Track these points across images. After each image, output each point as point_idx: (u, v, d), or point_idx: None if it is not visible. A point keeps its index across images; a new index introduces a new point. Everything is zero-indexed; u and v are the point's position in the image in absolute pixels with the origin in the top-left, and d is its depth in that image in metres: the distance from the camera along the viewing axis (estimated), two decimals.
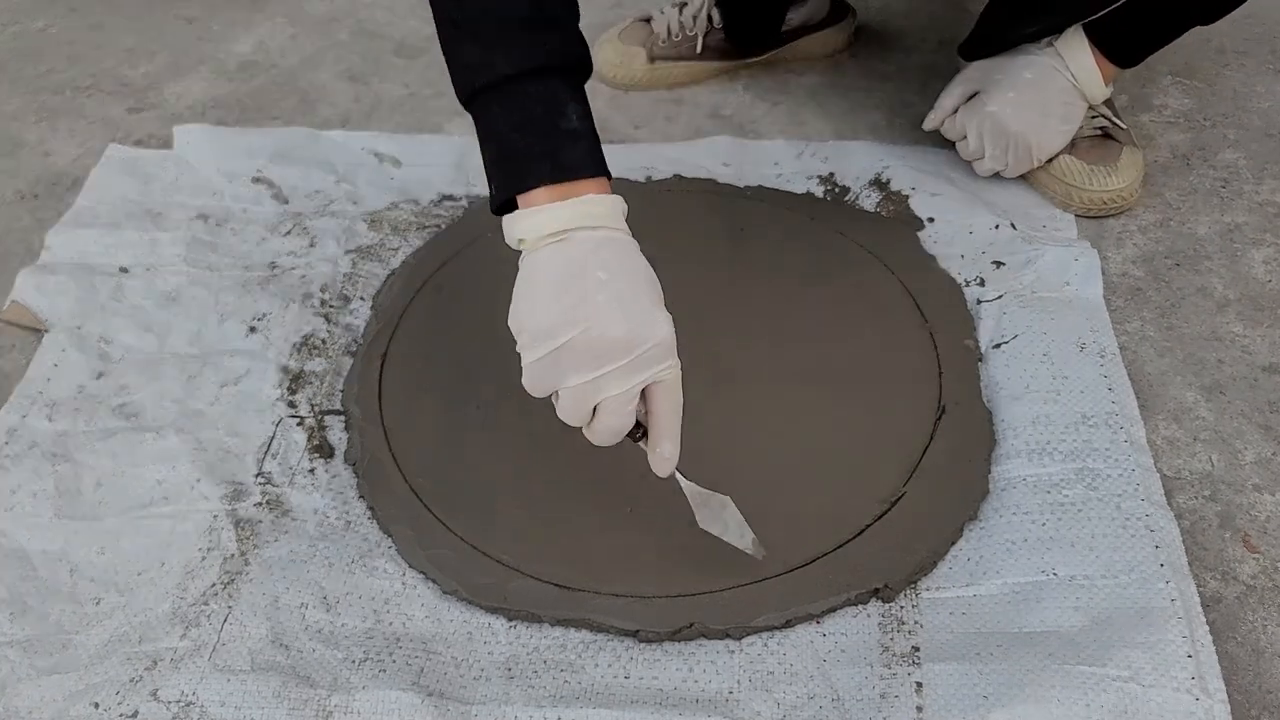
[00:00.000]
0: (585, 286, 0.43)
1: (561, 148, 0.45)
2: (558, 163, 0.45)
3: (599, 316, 0.43)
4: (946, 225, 0.71)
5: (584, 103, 0.47)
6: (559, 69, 0.46)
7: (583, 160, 0.45)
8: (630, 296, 0.44)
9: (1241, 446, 0.58)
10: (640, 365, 0.44)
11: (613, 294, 0.43)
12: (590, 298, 0.43)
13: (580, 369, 0.44)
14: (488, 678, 0.49)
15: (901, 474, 0.56)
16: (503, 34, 0.44)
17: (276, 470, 0.58)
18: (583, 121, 0.46)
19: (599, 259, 0.44)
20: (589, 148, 0.46)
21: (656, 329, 0.44)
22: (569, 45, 0.46)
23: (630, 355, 0.43)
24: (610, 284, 0.43)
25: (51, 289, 0.67)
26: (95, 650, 0.50)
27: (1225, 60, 0.85)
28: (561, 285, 0.44)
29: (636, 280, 0.44)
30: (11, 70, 0.91)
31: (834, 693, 0.47)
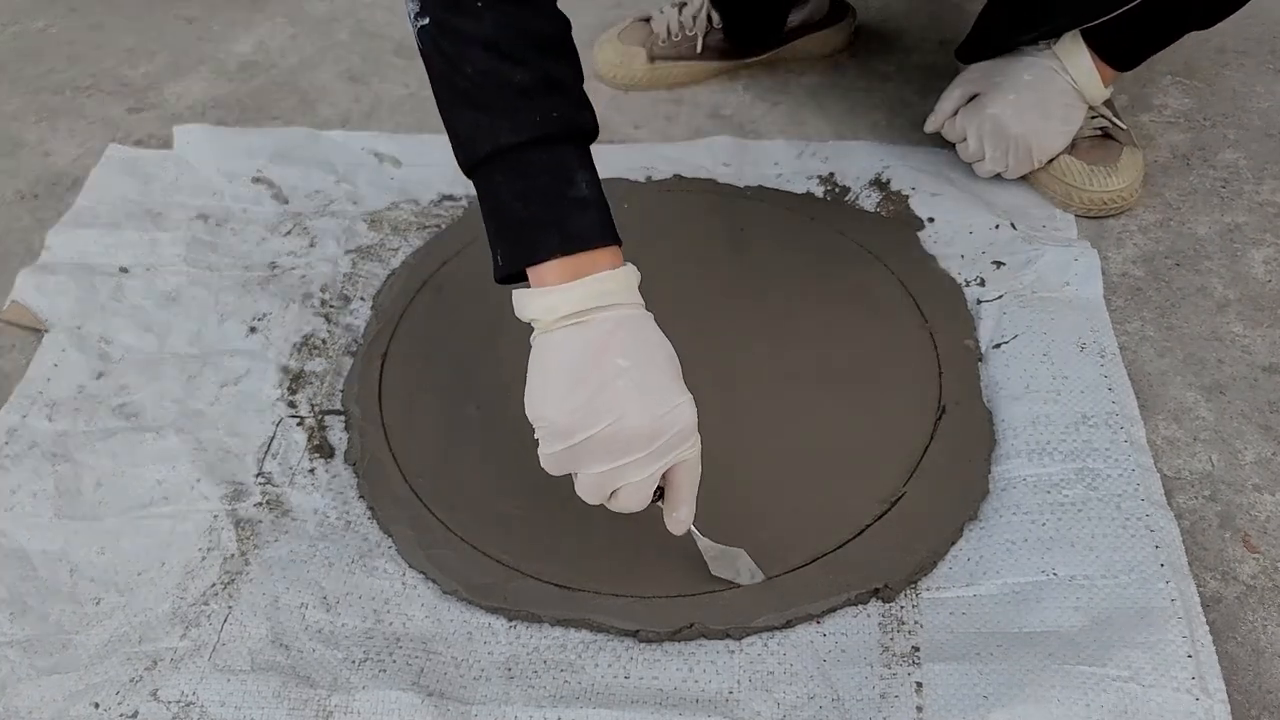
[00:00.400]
0: (604, 375, 0.42)
1: (570, 217, 0.43)
2: (567, 233, 0.43)
3: (621, 409, 0.42)
4: (946, 225, 0.71)
5: (592, 169, 0.45)
6: (565, 136, 0.44)
7: (593, 230, 0.44)
8: (652, 384, 0.42)
9: (1241, 446, 0.58)
10: (662, 452, 0.43)
11: (634, 383, 0.42)
12: (610, 387, 0.42)
13: (601, 461, 0.43)
14: (488, 678, 0.49)
15: (901, 474, 0.56)
16: (505, 101, 0.43)
17: (276, 470, 0.58)
18: (591, 189, 0.44)
19: (617, 343, 0.42)
20: (599, 216, 0.44)
21: (679, 416, 0.43)
22: (575, 110, 0.45)
23: (652, 446, 0.42)
24: (631, 371, 0.42)
25: (51, 289, 0.67)
26: (95, 650, 0.50)
27: (1225, 60, 0.85)
28: (579, 375, 0.42)
29: (656, 363, 0.43)
30: (12, 70, 0.91)
31: (834, 693, 0.47)
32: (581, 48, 1.01)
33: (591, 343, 0.42)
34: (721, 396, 0.60)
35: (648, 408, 0.42)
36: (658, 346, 0.44)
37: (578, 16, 1.05)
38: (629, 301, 0.44)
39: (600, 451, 0.43)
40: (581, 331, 0.42)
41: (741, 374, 0.61)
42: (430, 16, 0.44)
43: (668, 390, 0.43)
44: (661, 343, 0.44)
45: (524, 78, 0.43)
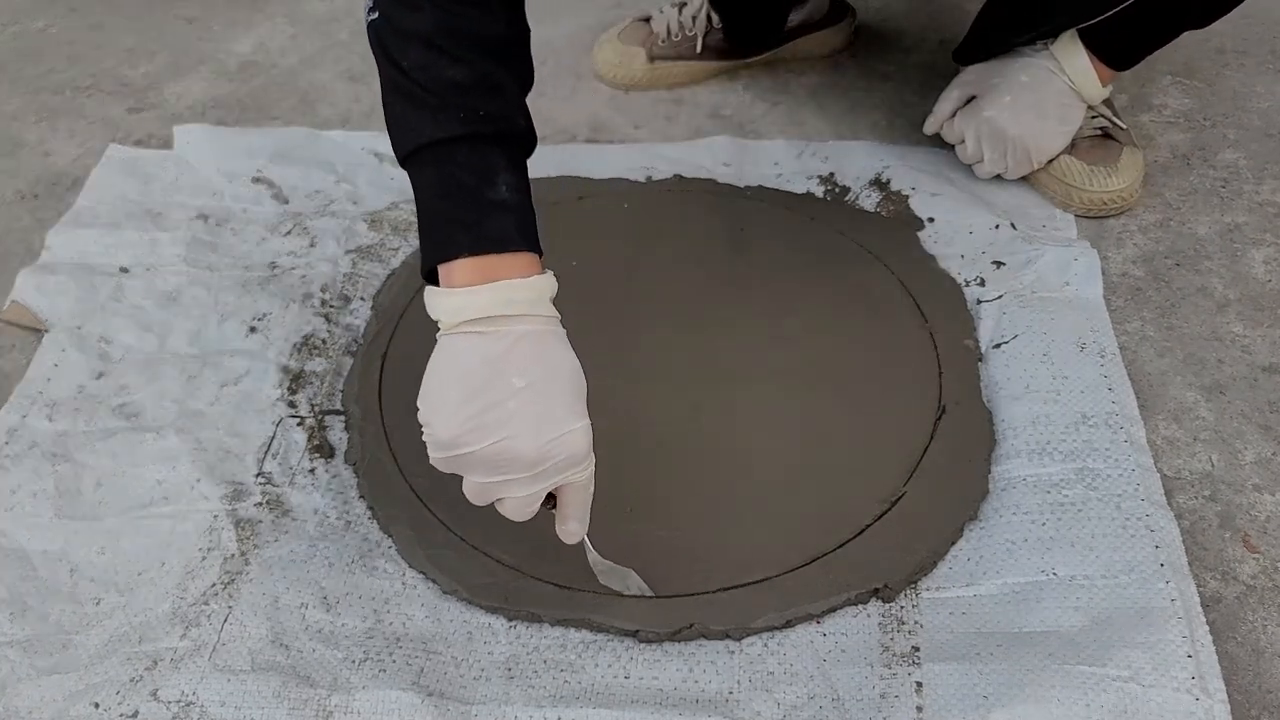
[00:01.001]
0: (497, 394, 0.41)
1: (487, 218, 0.42)
2: (481, 234, 0.42)
3: (508, 430, 0.41)
4: (946, 225, 0.71)
5: (520, 175, 0.45)
6: (494, 137, 0.43)
7: (508, 234, 0.42)
8: (545, 408, 0.41)
9: (1241, 446, 0.58)
10: (547, 475, 0.42)
11: (526, 404, 0.41)
12: (501, 406, 0.41)
13: (483, 474, 0.43)
14: (488, 678, 0.49)
15: (901, 474, 0.56)
16: (438, 97, 0.43)
17: (277, 470, 0.58)
18: (514, 194, 0.43)
19: (516, 360, 0.41)
20: (517, 221, 0.43)
21: (568, 444, 0.42)
22: (509, 115, 0.44)
23: (536, 470, 0.42)
24: (525, 392, 0.41)
25: (52, 289, 0.67)
26: (95, 650, 0.50)
27: (1225, 60, 0.85)
28: (472, 388, 0.41)
29: (554, 386, 0.42)
30: (12, 70, 0.91)
31: (834, 693, 0.47)
32: (582, 48, 1.01)
33: (490, 356, 0.41)
34: (721, 396, 0.60)
35: (536, 433, 0.41)
36: (559, 367, 0.43)
37: (577, 17, 1.05)
38: (539, 314, 0.42)
39: (483, 466, 0.42)
40: (482, 342, 0.41)
41: (741, 374, 0.61)
42: (379, 11, 0.44)
43: (561, 416, 0.42)
44: (565, 363, 0.43)
45: (459, 75, 0.43)
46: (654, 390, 0.61)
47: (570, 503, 0.45)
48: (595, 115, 0.84)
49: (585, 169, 0.77)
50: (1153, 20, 0.64)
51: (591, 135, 0.82)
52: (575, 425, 0.42)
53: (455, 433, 0.41)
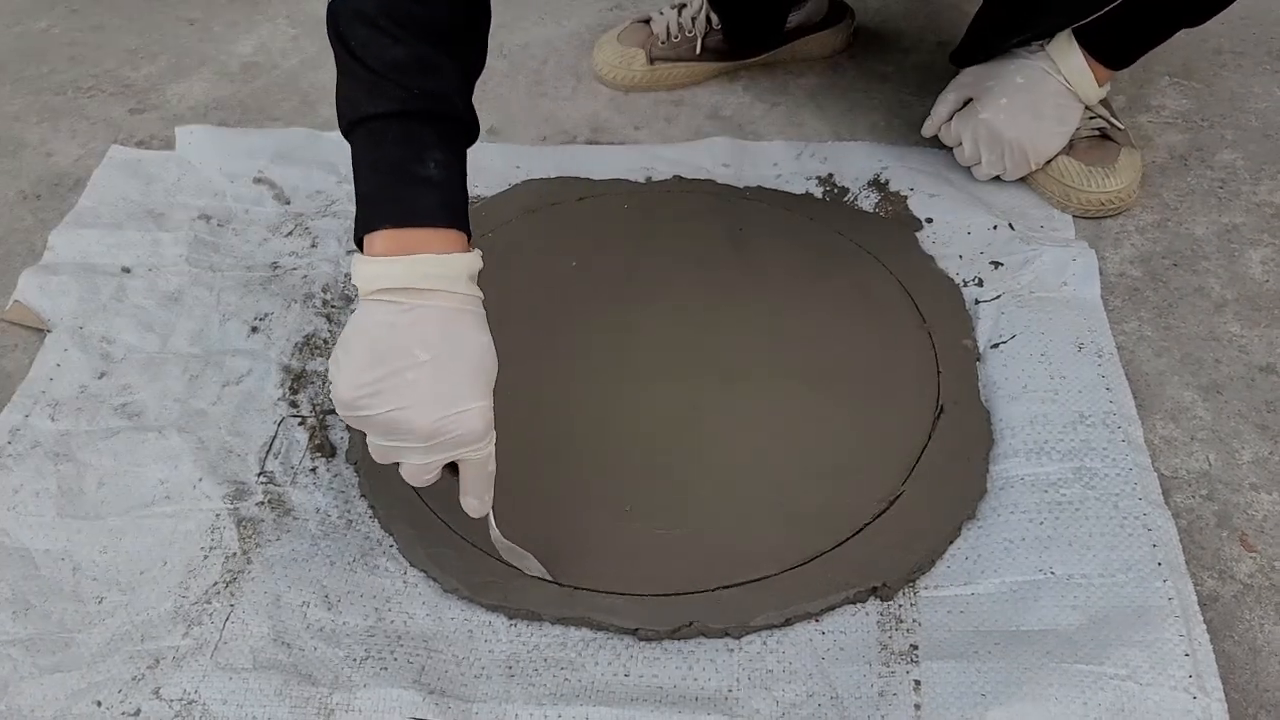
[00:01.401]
0: (399, 363, 0.42)
1: (409, 193, 0.43)
2: (402, 208, 0.43)
3: (404, 401, 0.42)
4: (945, 226, 0.71)
5: (452, 154, 0.45)
6: (425, 115, 0.44)
7: (431, 210, 0.43)
8: (444, 385, 0.42)
9: (1238, 446, 0.58)
10: (441, 449, 0.43)
11: (425, 378, 0.42)
12: (400, 376, 0.42)
13: (380, 436, 0.44)
14: (488, 676, 0.49)
15: (900, 473, 0.56)
16: (377, 74, 0.44)
17: (278, 469, 0.58)
18: (442, 171, 0.44)
19: (423, 333, 0.42)
20: (441, 199, 0.44)
21: (462, 422, 0.42)
22: (444, 95, 0.45)
23: (429, 442, 0.43)
24: (426, 366, 0.42)
25: (54, 289, 0.67)
26: (98, 649, 0.50)
27: (1223, 61, 0.85)
28: (377, 355, 0.42)
29: (456, 362, 0.42)
30: (14, 71, 0.91)
31: (833, 691, 0.48)
32: (582, 49, 1.02)
33: (398, 326, 0.42)
34: (720, 396, 0.60)
35: (431, 406, 0.42)
36: (466, 345, 0.43)
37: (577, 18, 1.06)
38: (454, 290, 0.43)
39: (380, 429, 0.43)
40: (392, 311, 0.42)
41: (740, 373, 0.62)
42: None
43: (459, 393, 0.42)
44: (472, 342, 0.43)
45: (399, 55, 0.44)
46: (653, 390, 0.61)
47: (467, 478, 0.46)
48: (595, 116, 0.84)
49: (585, 169, 0.77)
50: (1147, 19, 0.64)
51: (591, 136, 0.82)
52: (472, 404, 0.42)
53: (354, 395, 0.42)
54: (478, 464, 0.45)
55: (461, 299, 0.43)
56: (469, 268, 0.44)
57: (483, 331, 0.44)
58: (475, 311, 0.44)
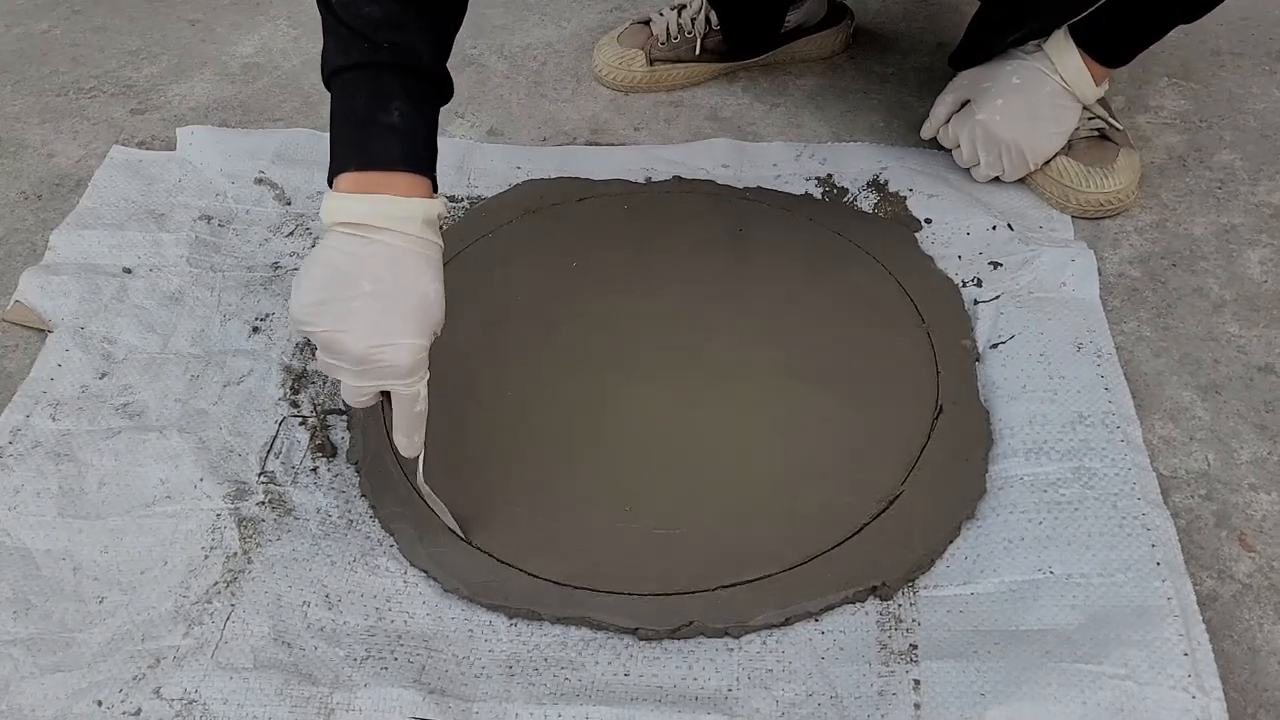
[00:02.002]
0: (346, 290, 0.45)
1: (373, 139, 0.47)
2: (364, 152, 0.46)
3: (343, 325, 0.45)
4: (944, 226, 0.71)
5: (418, 105, 0.48)
6: (391, 67, 0.47)
7: (390, 154, 0.46)
8: (380, 318, 0.45)
9: (1237, 446, 0.58)
10: (370, 375, 0.47)
11: (365, 308, 0.45)
12: (343, 301, 0.45)
13: (322, 352, 0.47)
14: (489, 675, 0.49)
15: (899, 473, 0.56)
16: (352, 31, 0.47)
17: (279, 469, 0.58)
18: (405, 120, 0.47)
19: (371, 266, 0.45)
20: (404, 144, 0.47)
21: (391, 354, 0.45)
22: (412, 48, 0.48)
23: (360, 367, 0.46)
24: (368, 297, 0.45)
25: (55, 289, 0.67)
26: (98, 648, 0.50)
27: (1221, 62, 0.86)
28: (328, 279, 0.46)
29: (396, 299, 0.45)
30: (15, 72, 0.91)
31: (832, 690, 0.48)
32: (582, 50, 1.02)
33: (351, 256, 0.46)
34: (720, 395, 0.60)
35: (364, 335, 0.45)
36: (410, 284, 0.46)
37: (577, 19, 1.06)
38: (407, 232, 0.46)
39: (320, 346, 0.47)
40: (348, 243, 0.46)
41: (740, 373, 0.62)
42: None
43: (392, 327, 0.45)
44: (417, 283, 0.46)
45: (373, 13, 0.47)
46: (653, 389, 0.61)
47: (396, 413, 0.49)
48: (595, 117, 0.84)
49: (585, 170, 0.77)
50: (1143, 15, 0.64)
51: (591, 137, 0.82)
52: (403, 340, 0.46)
53: (303, 313, 0.46)
54: (405, 399, 0.48)
55: (414, 241, 0.46)
56: (425, 212, 0.47)
57: (429, 275, 0.47)
58: (426, 255, 0.47)
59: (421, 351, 0.47)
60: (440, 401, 0.61)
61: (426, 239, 0.47)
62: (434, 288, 0.47)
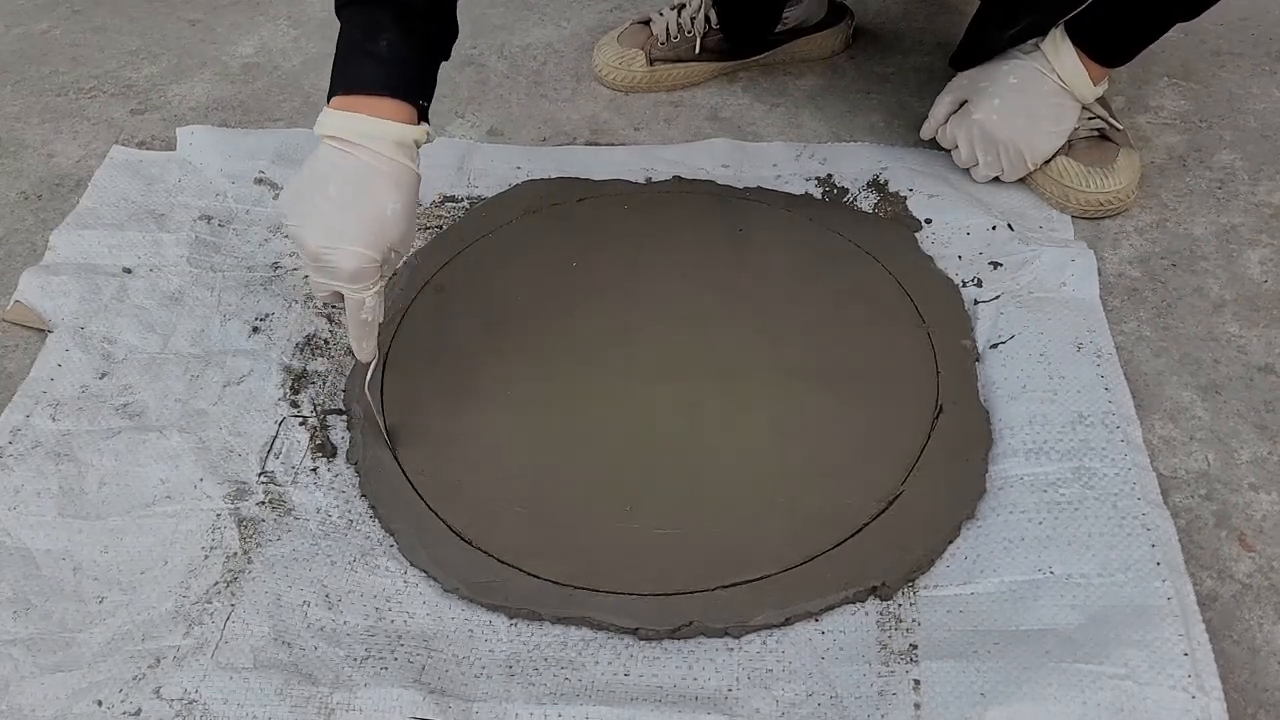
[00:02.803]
0: (315, 192, 0.51)
1: (358, 66, 0.52)
2: (349, 77, 0.52)
3: (305, 222, 0.51)
4: (944, 226, 0.71)
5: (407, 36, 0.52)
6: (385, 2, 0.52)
7: (373, 79, 0.51)
8: (335, 222, 0.50)
9: (1237, 446, 0.58)
10: (322, 273, 0.52)
11: (325, 211, 0.50)
12: (310, 203, 0.51)
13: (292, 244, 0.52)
14: (489, 675, 0.49)
15: (899, 473, 0.56)
16: None
17: (279, 469, 0.58)
18: (391, 50, 0.52)
19: (338, 176, 0.51)
20: (387, 72, 0.52)
21: (338, 258, 0.50)
22: None
23: (314, 263, 0.51)
24: (331, 202, 0.50)
25: (55, 289, 0.67)
26: (98, 648, 0.50)
27: (1221, 62, 0.86)
28: (305, 181, 0.51)
29: (354, 209, 0.50)
30: (15, 72, 0.91)
31: (832, 690, 0.48)
32: (582, 50, 1.02)
33: (327, 164, 0.51)
34: (720, 396, 0.60)
35: (318, 235, 0.50)
36: (371, 199, 0.50)
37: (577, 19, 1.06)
38: (380, 151, 0.51)
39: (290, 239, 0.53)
40: (329, 153, 0.51)
41: (740, 373, 0.62)
42: None
43: (344, 233, 0.50)
44: (378, 198, 0.51)
45: None
46: (653, 390, 0.61)
47: (347, 316, 0.54)
48: (595, 117, 0.84)
49: (585, 170, 0.77)
50: (1139, 14, 0.64)
51: (591, 137, 0.82)
52: (351, 246, 0.50)
53: (281, 205, 0.52)
54: (352, 304, 0.53)
55: (384, 160, 0.51)
56: (399, 135, 0.51)
57: (391, 194, 0.51)
58: (393, 175, 0.51)
59: (367, 261, 0.50)
60: (441, 401, 0.62)
61: (396, 160, 0.51)
62: (392, 206, 0.51)
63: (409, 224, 0.52)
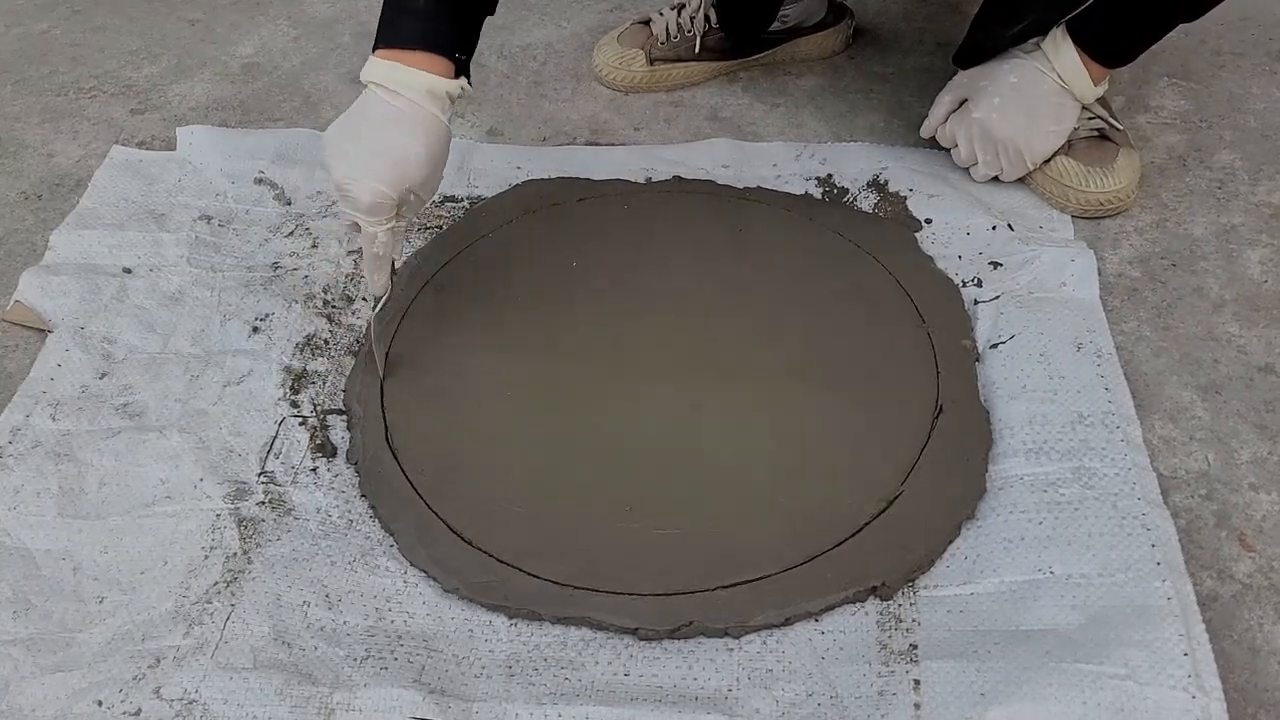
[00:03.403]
0: (349, 132, 0.56)
1: (397, 21, 0.56)
2: (388, 31, 0.56)
3: (336, 156, 0.56)
4: (944, 226, 0.71)
5: None
6: None
7: (410, 35, 0.55)
8: (360, 159, 0.55)
9: (1237, 446, 0.58)
10: (345, 203, 0.56)
11: (354, 150, 0.55)
12: (344, 141, 0.56)
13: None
14: (489, 675, 0.49)
15: (899, 473, 0.56)
16: None
17: (279, 469, 0.58)
18: (429, 5, 0.55)
19: (371, 119, 0.56)
20: (425, 27, 0.55)
21: (356, 190, 0.55)
22: None
23: (340, 194, 0.56)
24: (360, 141, 0.55)
25: (55, 289, 0.67)
26: (98, 648, 0.50)
27: (1221, 62, 0.86)
28: (346, 121, 0.57)
29: (378, 149, 0.55)
30: (15, 72, 0.91)
31: (832, 690, 0.48)
32: (582, 50, 1.02)
33: (364, 106, 0.56)
34: (720, 395, 0.61)
35: (344, 169, 0.55)
36: (394, 140, 0.55)
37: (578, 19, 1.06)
38: (414, 100, 0.55)
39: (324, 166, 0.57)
40: (369, 97, 0.56)
41: (740, 373, 0.62)
42: None
43: (365, 169, 0.55)
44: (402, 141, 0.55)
45: None
46: (653, 389, 0.61)
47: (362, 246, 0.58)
48: (595, 117, 0.84)
49: (585, 170, 0.77)
50: (1141, 15, 0.64)
51: (592, 137, 0.82)
52: (368, 181, 0.55)
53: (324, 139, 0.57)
54: (366, 236, 0.57)
55: (413, 107, 0.55)
56: (430, 86, 0.55)
57: (416, 138, 0.55)
58: (419, 121, 0.55)
59: (382, 197, 0.55)
60: (441, 401, 0.62)
61: (424, 108, 0.55)
62: (415, 150, 0.55)
63: (431, 170, 0.56)
